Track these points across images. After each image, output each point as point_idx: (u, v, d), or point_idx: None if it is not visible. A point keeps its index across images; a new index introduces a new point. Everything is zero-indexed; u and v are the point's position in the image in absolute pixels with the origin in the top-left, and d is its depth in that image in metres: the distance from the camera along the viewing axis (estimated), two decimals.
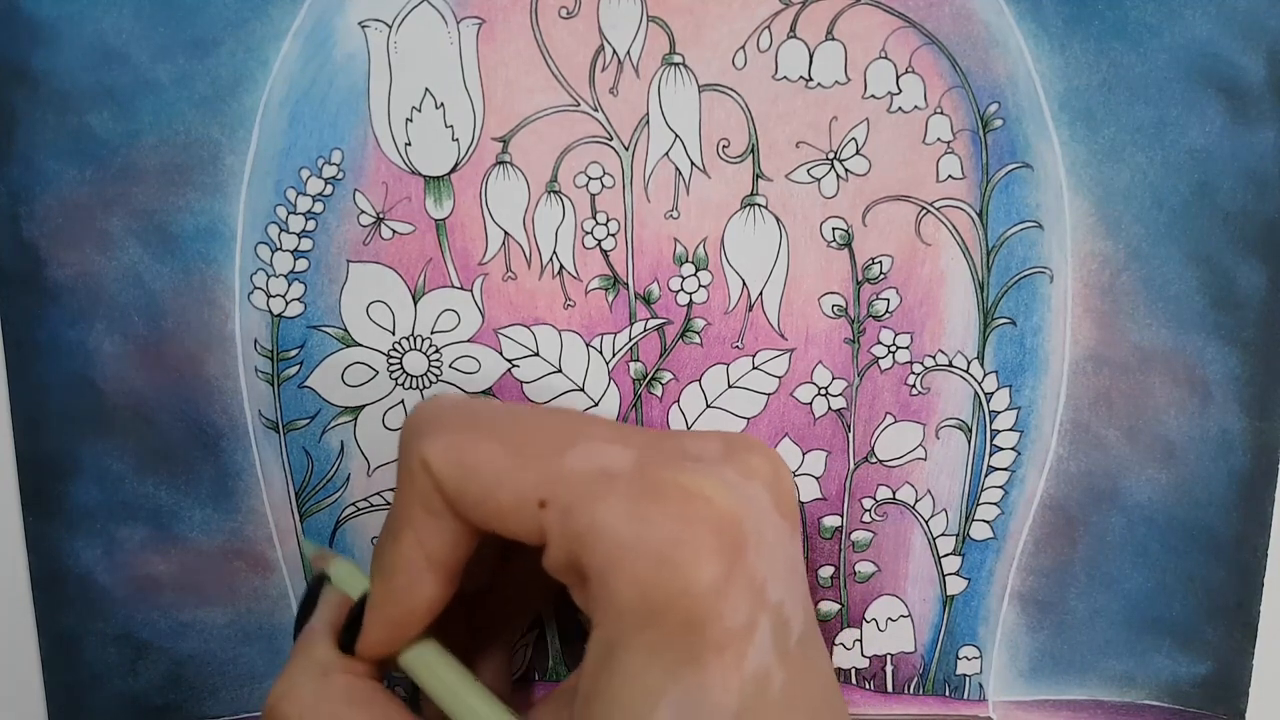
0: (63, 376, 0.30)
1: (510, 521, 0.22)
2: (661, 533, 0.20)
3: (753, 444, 0.23)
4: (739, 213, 0.30)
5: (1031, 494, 0.32)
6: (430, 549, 0.23)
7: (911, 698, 0.33)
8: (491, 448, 0.22)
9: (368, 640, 0.25)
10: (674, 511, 0.20)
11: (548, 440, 0.22)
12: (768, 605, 0.21)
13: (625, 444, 0.22)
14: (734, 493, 0.21)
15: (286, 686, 0.24)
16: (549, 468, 0.21)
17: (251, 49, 0.29)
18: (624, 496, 0.21)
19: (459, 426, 0.23)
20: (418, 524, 0.23)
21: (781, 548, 0.22)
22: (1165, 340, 0.31)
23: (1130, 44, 0.29)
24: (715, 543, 0.20)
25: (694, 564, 0.20)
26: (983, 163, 0.30)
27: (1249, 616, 0.32)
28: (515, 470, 0.22)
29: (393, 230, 0.30)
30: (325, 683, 0.24)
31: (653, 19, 0.29)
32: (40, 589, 0.31)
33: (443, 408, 0.23)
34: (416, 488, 0.23)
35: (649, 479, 0.21)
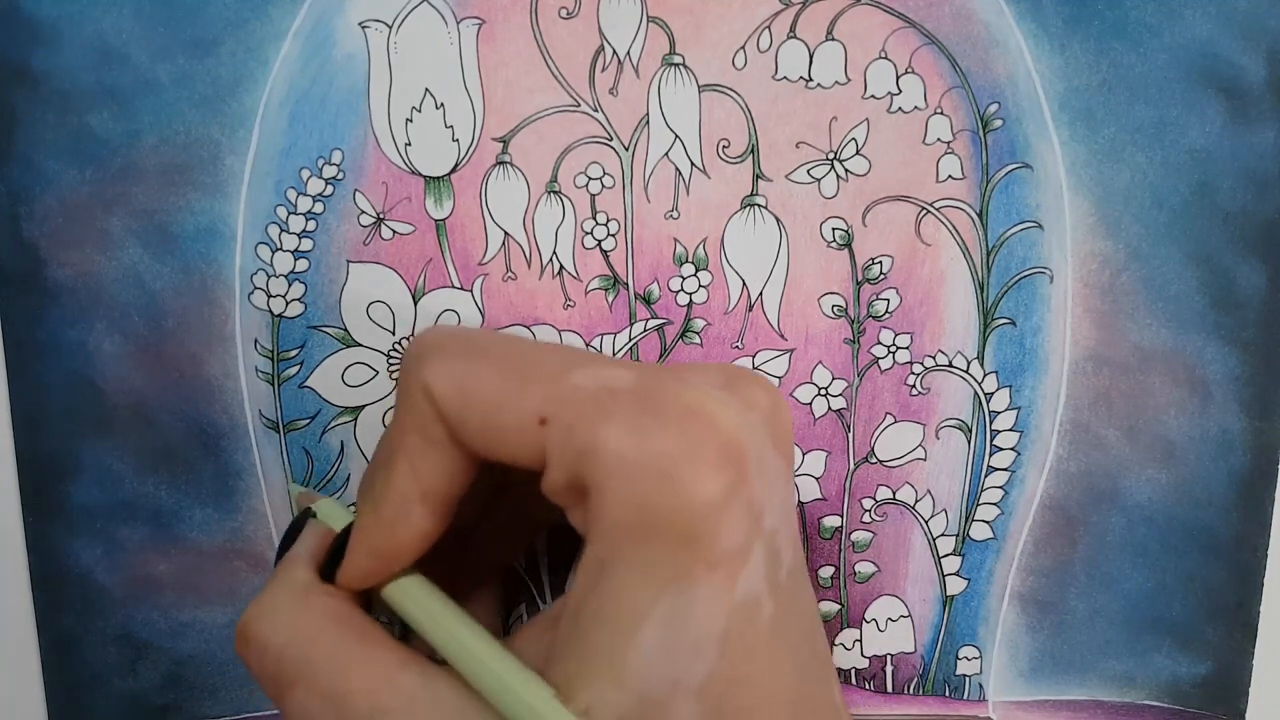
0: (63, 376, 0.30)
1: (512, 444, 0.21)
2: (663, 448, 0.20)
3: (754, 377, 0.22)
4: (739, 213, 0.30)
5: (1031, 494, 0.32)
6: (424, 480, 0.23)
7: (911, 698, 0.33)
8: (494, 370, 0.21)
9: (350, 569, 0.24)
10: (677, 427, 0.20)
11: (551, 362, 0.22)
12: (763, 533, 0.20)
13: (627, 369, 0.21)
14: (737, 414, 0.20)
15: (263, 607, 0.23)
16: (552, 386, 0.21)
17: (251, 49, 0.29)
18: (627, 412, 0.20)
19: (461, 352, 0.22)
20: (413, 453, 0.22)
21: (778, 478, 0.21)
22: (1165, 340, 0.31)
23: (1130, 44, 0.29)
24: (717, 460, 0.20)
25: (695, 479, 0.19)
26: (983, 163, 0.30)
27: (1249, 616, 0.32)
28: (518, 391, 0.21)
29: (393, 230, 0.30)
30: (304, 603, 0.23)
31: (653, 19, 0.29)
32: (40, 589, 0.31)
33: (444, 334, 0.23)
34: (416, 415, 0.22)
35: (652, 395, 0.20)
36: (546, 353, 0.22)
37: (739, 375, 0.22)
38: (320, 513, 0.26)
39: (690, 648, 0.20)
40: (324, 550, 0.25)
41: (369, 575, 0.24)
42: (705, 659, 0.20)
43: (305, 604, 0.23)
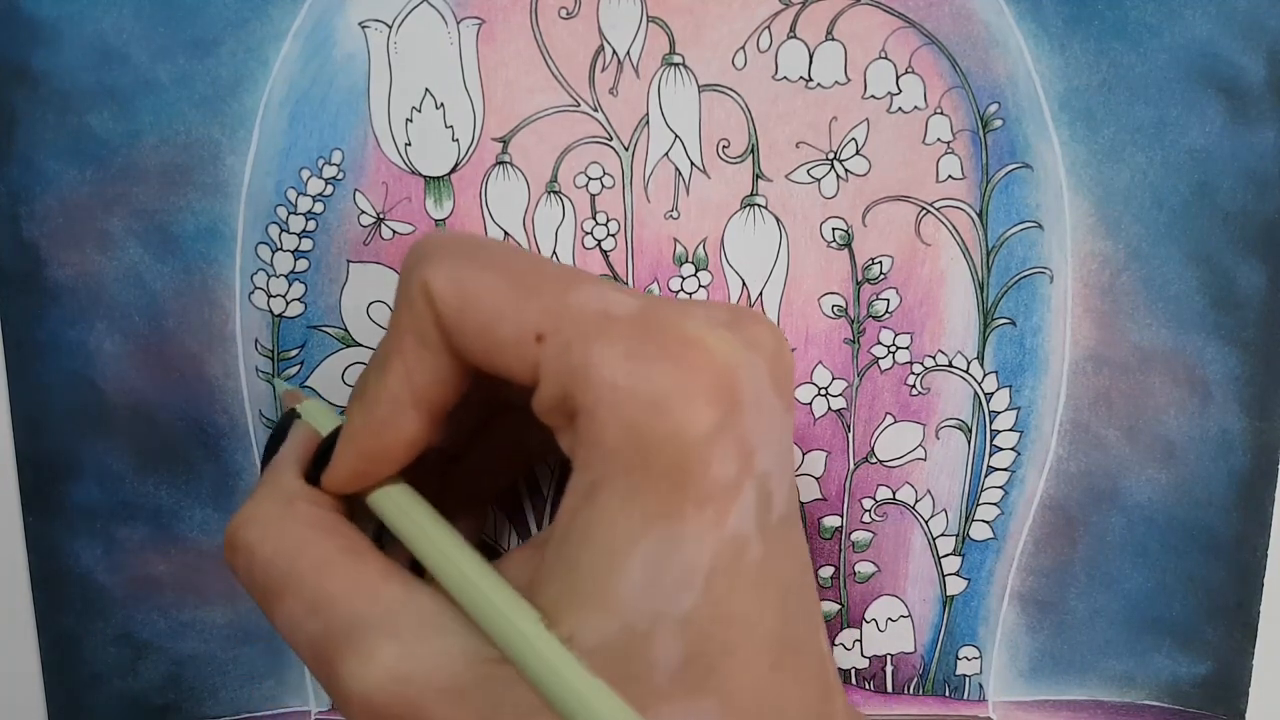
0: (63, 376, 0.30)
1: (507, 355, 0.21)
2: (658, 375, 0.19)
3: (759, 318, 0.22)
4: (739, 213, 0.30)
5: (1031, 494, 0.32)
6: (418, 383, 0.22)
7: (911, 698, 0.33)
8: (495, 279, 0.21)
9: (337, 472, 0.24)
10: (673, 356, 0.20)
11: (552, 277, 0.21)
12: (754, 473, 0.20)
13: (631, 294, 0.21)
14: (736, 351, 0.20)
15: (248, 513, 0.23)
16: (551, 302, 0.21)
17: (251, 49, 0.29)
18: (624, 336, 0.20)
19: (464, 255, 0.22)
20: (409, 355, 0.22)
21: (775, 422, 0.21)
22: (1165, 340, 0.31)
23: (1130, 44, 0.29)
24: (711, 393, 0.20)
25: (687, 409, 0.19)
26: (983, 163, 0.30)
27: (1249, 616, 0.32)
28: (517, 302, 0.21)
29: (393, 230, 0.30)
30: (289, 509, 0.23)
31: (653, 19, 0.29)
32: (40, 589, 0.31)
33: (448, 237, 0.23)
34: (413, 316, 0.22)
35: (651, 322, 0.20)
36: (550, 267, 0.22)
37: (745, 314, 0.22)
38: (305, 413, 0.26)
39: (676, 581, 0.19)
40: (309, 454, 0.25)
41: (356, 478, 0.24)
42: (690, 593, 0.19)
43: (291, 512, 0.23)
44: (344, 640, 0.21)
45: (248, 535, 0.23)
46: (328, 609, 0.22)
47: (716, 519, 0.20)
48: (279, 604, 0.22)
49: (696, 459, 0.19)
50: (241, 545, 0.23)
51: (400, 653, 0.21)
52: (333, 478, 0.24)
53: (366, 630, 0.21)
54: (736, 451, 0.20)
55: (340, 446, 0.24)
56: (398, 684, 0.20)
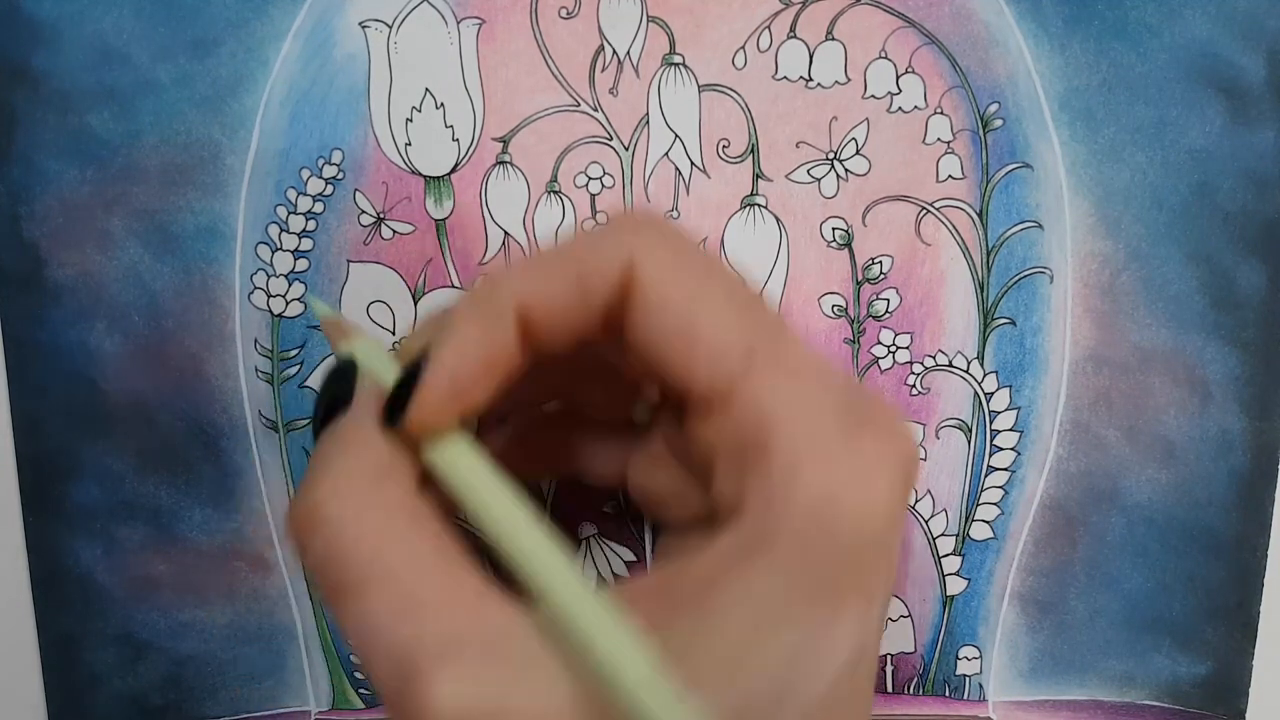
0: (63, 376, 0.30)
1: (700, 353, 0.19)
2: (870, 452, 0.18)
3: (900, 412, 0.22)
4: (739, 213, 0.30)
5: (1031, 494, 0.32)
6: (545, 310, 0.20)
7: (911, 698, 0.33)
8: (714, 284, 0.19)
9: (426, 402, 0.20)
10: (885, 438, 0.19)
11: (768, 310, 0.20)
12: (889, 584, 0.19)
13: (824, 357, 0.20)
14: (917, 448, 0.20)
15: (333, 486, 0.20)
16: (774, 332, 0.19)
17: (251, 49, 0.29)
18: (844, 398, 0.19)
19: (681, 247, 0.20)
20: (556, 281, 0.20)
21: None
22: (1165, 340, 0.31)
23: (1130, 44, 0.29)
24: (907, 484, 0.19)
25: (885, 498, 0.18)
26: (983, 163, 0.30)
27: (1249, 616, 0.32)
28: (735, 315, 0.19)
29: (393, 230, 0.30)
30: (379, 489, 0.20)
31: (653, 19, 0.29)
32: (40, 589, 0.31)
33: (669, 225, 0.20)
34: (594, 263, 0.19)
35: (861, 395, 0.19)
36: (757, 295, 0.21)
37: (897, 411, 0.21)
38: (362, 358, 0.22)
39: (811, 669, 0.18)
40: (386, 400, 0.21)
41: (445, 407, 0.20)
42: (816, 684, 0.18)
43: (382, 493, 0.20)
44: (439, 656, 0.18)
45: (330, 511, 0.19)
46: (421, 616, 0.19)
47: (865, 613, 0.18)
48: (357, 599, 0.19)
49: (881, 549, 0.18)
50: (319, 524, 0.19)
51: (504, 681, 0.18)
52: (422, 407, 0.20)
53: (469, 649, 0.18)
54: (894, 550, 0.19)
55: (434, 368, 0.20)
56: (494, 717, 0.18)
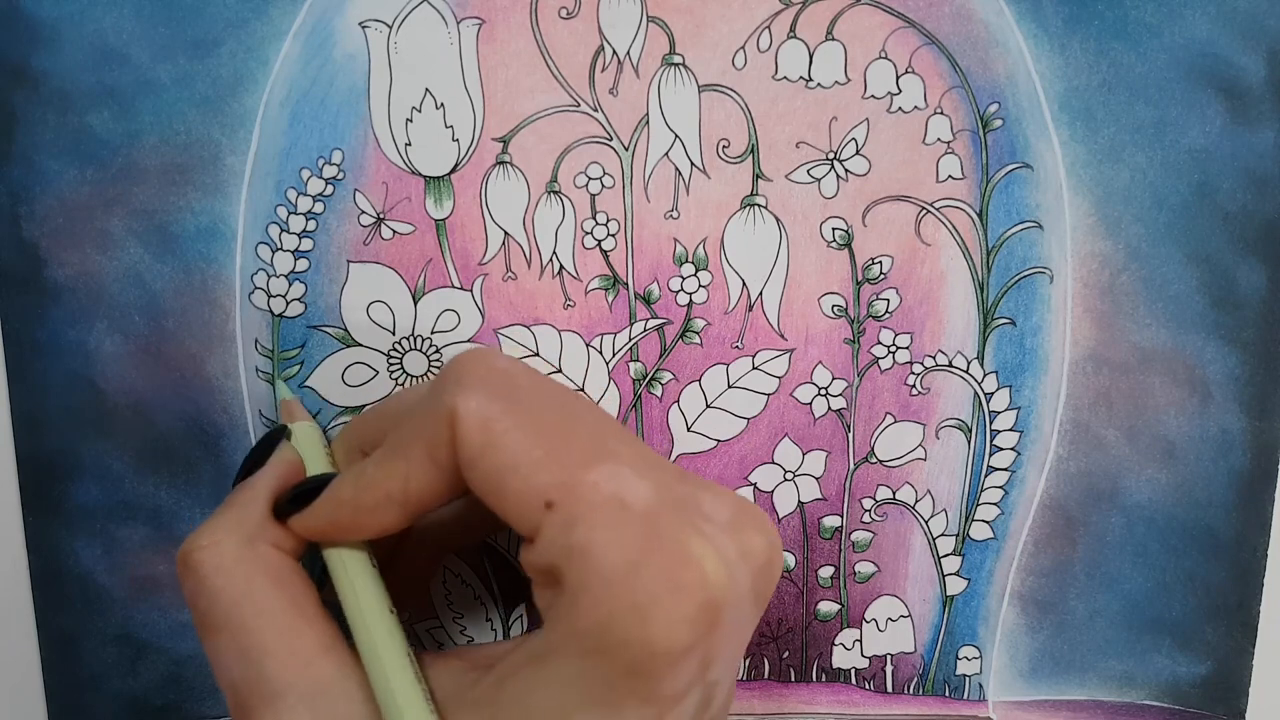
0: (63, 376, 0.30)
1: (509, 506, 0.21)
2: (649, 585, 0.20)
3: (761, 522, 0.22)
4: (739, 213, 0.30)
5: (1031, 494, 0.32)
6: (412, 489, 0.23)
7: (911, 698, 0.33)
8: (521, 430, 0.22)
9: (306, 524, 0.24)
10: (669, 570, 0.20)
11: (578, 446, 0.22)
12: (704, 681, 0.21)
13: (647, 479, 0.22)
14: (727, 573, 0.21)
15: (208, 538, 0.24)
16: (570, 475, 0.21)
17: (252, 49, 0.29)
18: (629, 533, 0.20)
19: (499, 393, 0.22)
20: (413, 463, 0.23)
21: (741, 631, 0.22)
22: (1165, 340, 0.31)
23: (1130, 44, 0.29)
24: (693, 616, 0.20)
25: (666, 627, 0.20)
26: (983, 163, 0.30)
27: (1249, 616, 0.32)
28: (536, 462, 0.21)
29: (393, 230, 0.30)
30: (250, 547, 0.24)
31: (653, 19, 0.29)
32: (40, 589, 0.31)
33: (489, 366, 0.23)
34: (432, 431, 0.22)
35: (657, 527, 0.21)
36: (579, 431, 0.22)
37: (747, 516, 0.22)
38: (297, 438, 0.26)
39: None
40: (287, 483, 0.25)
41: (321, 537, 0.24)
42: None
43: (252, 549, 0.24)
44: (267, 700, 0.22)
45: (201, 560, 0.23)
46: (259, 662, 0.23)
47: (655, 717, 0.20)
48: (214, 637, 0.23)
49: (657, 671, 0.20)
50: (195, 567, 0.23)
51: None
52: (301, 526, 0.25)
53: (292, 699, 0.22)
54: (695, 667, 0.20)
55: (319, 507, 0.24)
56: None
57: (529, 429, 0.22)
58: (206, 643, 0.23)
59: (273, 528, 0.25)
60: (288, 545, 0.25)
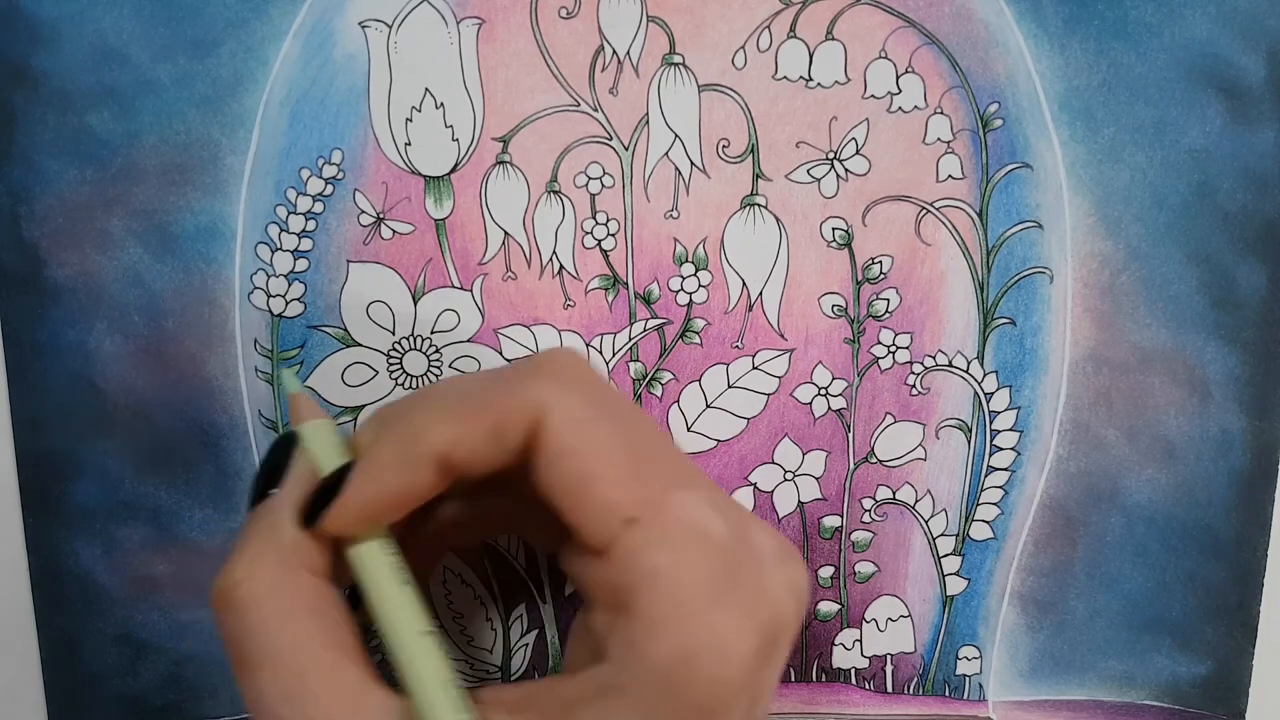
0: (63, 376, 0.30)
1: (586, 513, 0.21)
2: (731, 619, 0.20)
3: (797, 555, 0.22)
4: (739, 213, 0.30)
5: (1031, 494, 0.32)
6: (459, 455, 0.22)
7: (911, 698, 0.33)
8: (613, 440, 0.21)
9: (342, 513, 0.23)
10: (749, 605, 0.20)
11: (663, 468, 0.21)
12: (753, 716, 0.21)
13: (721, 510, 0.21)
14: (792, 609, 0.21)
15: (245, 571, 0.22)
16: (656, 495, 0.21)
17: (251, 49, 0.29)
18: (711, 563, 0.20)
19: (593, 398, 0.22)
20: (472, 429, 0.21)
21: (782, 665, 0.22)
22: (1165, 340, 0.31)
23: (1130, 44, 0.29)
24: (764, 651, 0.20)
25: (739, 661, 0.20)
26: (983, 163, 0.30)
27: (1249, 616, 0.32)
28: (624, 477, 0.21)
29: (393, 230, 0.30)
30: (287, 576, 0.23)
31: (653, 19, 0.29)
32: (40, 589, 0.31)
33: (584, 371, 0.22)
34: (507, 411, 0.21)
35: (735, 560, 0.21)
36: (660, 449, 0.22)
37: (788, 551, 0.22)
38: (308, 439, 0.24)
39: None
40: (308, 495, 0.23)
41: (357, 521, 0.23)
42: None
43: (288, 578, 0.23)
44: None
45: (240, 597, 0.22)
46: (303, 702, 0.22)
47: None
48: (254, 674, 0.22)
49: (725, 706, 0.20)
50: (234, 605, 0.22)
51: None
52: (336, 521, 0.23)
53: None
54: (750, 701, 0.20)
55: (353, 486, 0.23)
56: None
57: (619, 441, 0.21)
58: (246, 680, 0.22)
59: (305, 549, 0.23)
60: (321, 566, 0.23)
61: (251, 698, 0.22)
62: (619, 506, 0.21)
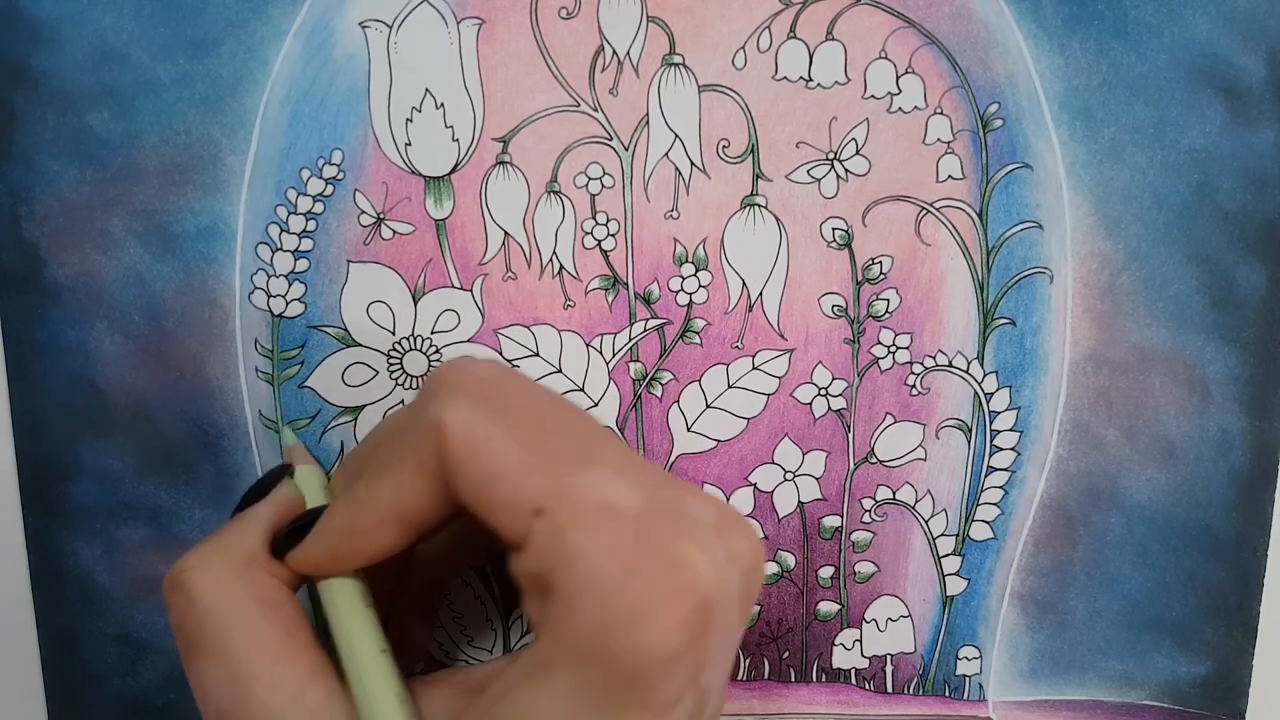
0: (63, 376, 0.30)
1: (499, 514, 0.21)
2: (642, 589, 0.20)
3: (745, 527, 0.22)
4: (739, 213, 0.30)
5: (1031, 494, 0.32)
6: (406, 505, 0.23)
7: (911, 698, 0.33)
8: (508, 437, 0.21)
9: (303, 558, 0.24)
10: (662, 574, 0.20)
11: (565, 452, 0.22)
12: (698, 687, 0.21)
13: (634, 483, 0.21)
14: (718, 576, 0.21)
15: (201, 560, 0.23)
16: (557, 481, 0.21)
17: (252, 49, 0.29)
18: (619, 537, 0.20)
19: (486, 401, 0.22)
20: (404, 477, 0.22)
21: (731, 636, 0.22)
22: (1165, 340, 0.31)
23: (1130, 44, 0.29)
24: (687, 619, 0.20)
25: (661, 631, 0.20)
26: (983, 163, 0.30)
27: (1249, 616, 0.32)
28: (524, 470, 0.21)
29: (393, 230, 0.30)
30: (244, 573, 0.24)
31: (653, 19, 0.29)
32: (40, 589, 0.31)
33: (474, 374, 0.23)
34: (419, 442, 0.22)
35: (647, 531, 0.21)
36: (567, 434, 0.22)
37: (732, 521, 0.22)
38: (299, 478, 0.26)
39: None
40: (285, 520, 0.25)
41: (318, 569, 0.24)
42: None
43: (245, 575, 0.24)
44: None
45: (193, 580, 0.23)
46: (247, 687, 0.22)
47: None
48: (201, 660, 0.23)
49: (655, 676, 0.20)
50: (184, 587, 0.23)
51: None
52: (298, 560, 0.24)
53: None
54: (689, 671, 0.20)
55: (314, 536, 0.24)
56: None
57: (514, 436, 0.22)
58: (192, 667, 0.23)
59: (266, 558, 0.24)
60: (282, 575, 0.24)
61: (197, 684, 0.23)
62: (523, 501, 0.21)
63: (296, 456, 0.27)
